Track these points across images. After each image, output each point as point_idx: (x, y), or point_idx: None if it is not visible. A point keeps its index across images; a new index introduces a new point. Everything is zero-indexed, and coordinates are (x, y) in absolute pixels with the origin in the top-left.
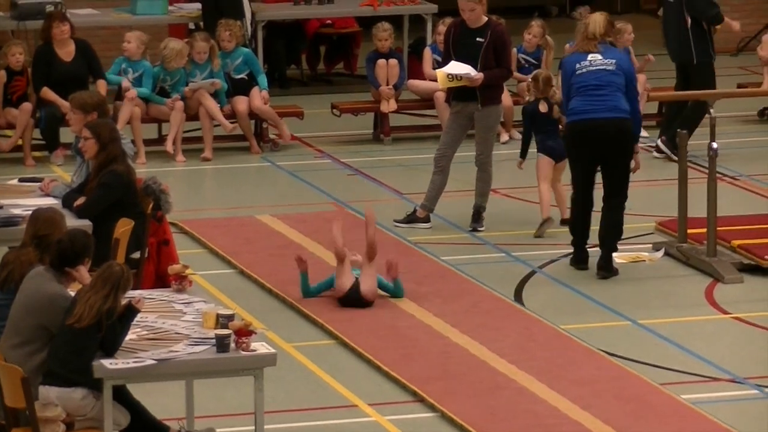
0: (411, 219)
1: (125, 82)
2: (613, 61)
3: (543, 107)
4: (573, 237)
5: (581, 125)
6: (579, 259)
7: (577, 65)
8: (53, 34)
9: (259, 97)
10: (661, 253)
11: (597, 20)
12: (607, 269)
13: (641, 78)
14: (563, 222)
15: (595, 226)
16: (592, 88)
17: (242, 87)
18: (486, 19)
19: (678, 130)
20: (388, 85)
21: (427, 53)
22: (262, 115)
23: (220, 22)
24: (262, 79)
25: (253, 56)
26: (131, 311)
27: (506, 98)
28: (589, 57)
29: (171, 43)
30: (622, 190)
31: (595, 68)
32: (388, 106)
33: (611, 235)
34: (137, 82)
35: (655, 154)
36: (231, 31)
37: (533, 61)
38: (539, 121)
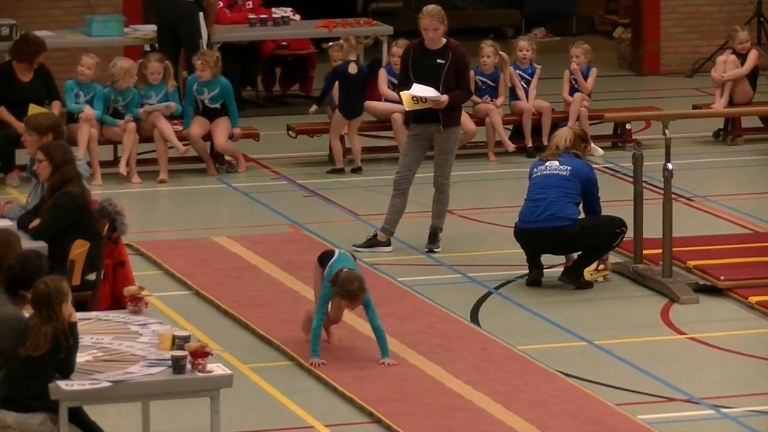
0: (372, 243)
1: (86, 110)
2: (569, 168)
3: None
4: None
5: (521, 231)
6: (536, 265)
7: (535, 170)
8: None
9: (223, 134)
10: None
11: (563, 135)
12: (575, 278)
13: (577, 97)
14: (354, 170)
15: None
16: (537, 193)
17: (214, 115)
18: (444, 40)
19: None
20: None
21: (382, 73)
22: (224, 152)
23: (198, 52)
24: (234, 115)
25: (230, 89)
26: (73, 326)
27: (469, 122)
28: (547, 163)
29: (120, 62)
30: (591, 258)
31: (548, 173)
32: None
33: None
34: (89, 105)
35: None
36: (204, 60)
37: (491, 83)
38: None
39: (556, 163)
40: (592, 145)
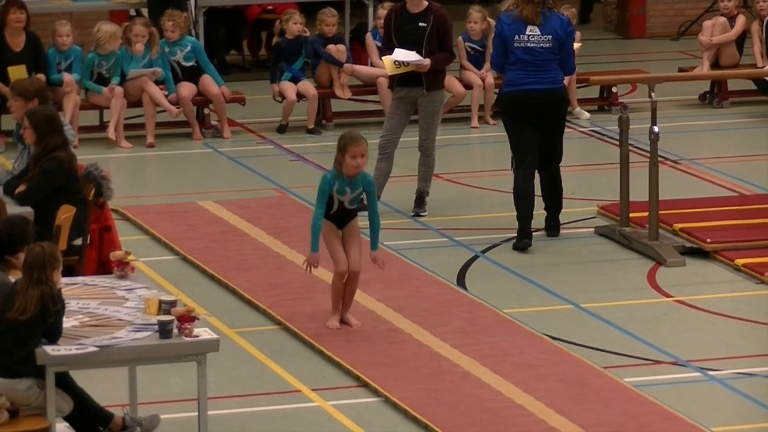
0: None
1: (66, 77)
2: (549, 37)
3: None
4: (521, 214)
5: (518, 95)
6: (525, 235)
7: (516, 37)
8: (8, 20)
9: (214, 84)
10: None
11: None
12: (557, 228)
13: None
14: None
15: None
16: (528, 63)
17: (191, 74)
18: (426, 3)
19: None
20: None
21: (370, 40)
22: (217, 103)
23: (165, 12)
24: (215, 73)
25: (200, 46)
26: (58, 292)
27: (457, 85)
28: (528, 31)
29: (104, 26)
30: (559, 154)
31: (532, 45)
32: (344, 93)
33: (558, 195)
34: (68, 70)
35: None
36: (174, 21)
37: (479, 48)
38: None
39: (537, 32)
40: (578, 107)
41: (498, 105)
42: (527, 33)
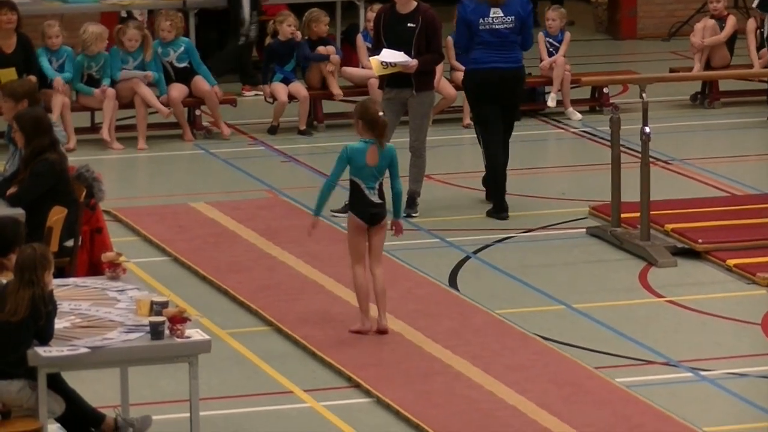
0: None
1: (56, 81)
2: (512, 17)
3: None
4: (494, 188)
5: (483, 73)
6: (502, 208)
7: (481, 20)
8: None
9: (206, 82)
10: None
11: None
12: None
13: (560, 61)
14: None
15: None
16: (493, 44)
17: (184, 75)
18: (415, 3)
19: None
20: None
21: (360, 42)
22: (210, 100)
23: (160, 12)
24: (207, 74)
25: (193, 47)
26: (50, 294)
27: (448, 87)
28: (492, 13)
29: (90, 27)
30: (512, 125)
31: (497, 27)
32: (335, 88)
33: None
34: (60, 69)
35: None
36: (172, 21)
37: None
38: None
39: (500, 13)
40: (570, 108)
41: (463, 82)
42: (491, 15)
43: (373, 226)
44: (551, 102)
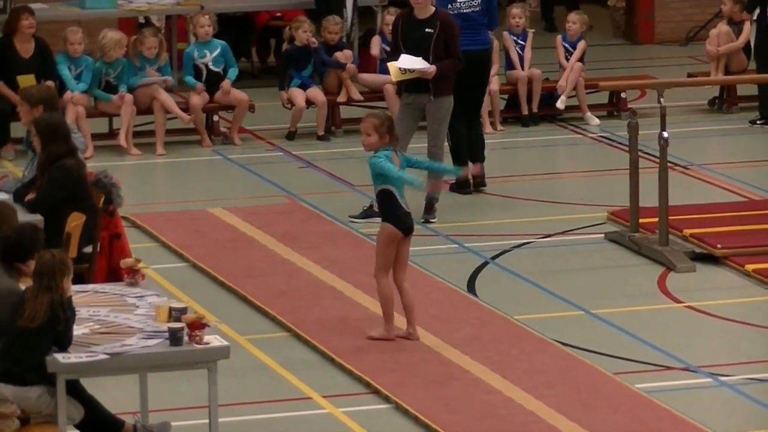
0: (368, 214)
1: (75, 94)
2: (479, 0)
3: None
4: (462, 161)
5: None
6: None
7: (449, 6)
8: (20, 26)
9: (227, 85)
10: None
11: None
12: (483, 182)
13: (576, 66)
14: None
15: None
16: (462, 28)
17: (216, 80)
18: (433, 9)
19: None
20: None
21: (375, 39)
22: (241, 108)
23: (201, 10)
24: (233, 72)
25: (229, 49)
26: (69, 300)
27: None
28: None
29: (109, 34)
30: (479, 109)
31: (466, 11)
32: (352, 92)
33: (481, 148)
34: (79, 78)
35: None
36: (210, 18)
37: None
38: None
39: None
40: (588, 113)
41: None
42: (459, 0)
43: (407, 236)
44: (560, 104)
